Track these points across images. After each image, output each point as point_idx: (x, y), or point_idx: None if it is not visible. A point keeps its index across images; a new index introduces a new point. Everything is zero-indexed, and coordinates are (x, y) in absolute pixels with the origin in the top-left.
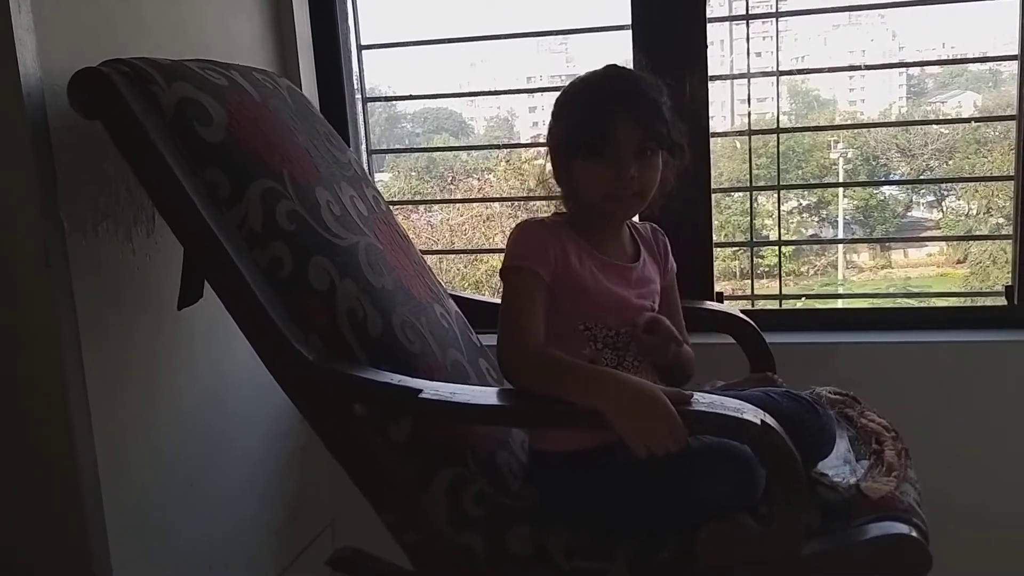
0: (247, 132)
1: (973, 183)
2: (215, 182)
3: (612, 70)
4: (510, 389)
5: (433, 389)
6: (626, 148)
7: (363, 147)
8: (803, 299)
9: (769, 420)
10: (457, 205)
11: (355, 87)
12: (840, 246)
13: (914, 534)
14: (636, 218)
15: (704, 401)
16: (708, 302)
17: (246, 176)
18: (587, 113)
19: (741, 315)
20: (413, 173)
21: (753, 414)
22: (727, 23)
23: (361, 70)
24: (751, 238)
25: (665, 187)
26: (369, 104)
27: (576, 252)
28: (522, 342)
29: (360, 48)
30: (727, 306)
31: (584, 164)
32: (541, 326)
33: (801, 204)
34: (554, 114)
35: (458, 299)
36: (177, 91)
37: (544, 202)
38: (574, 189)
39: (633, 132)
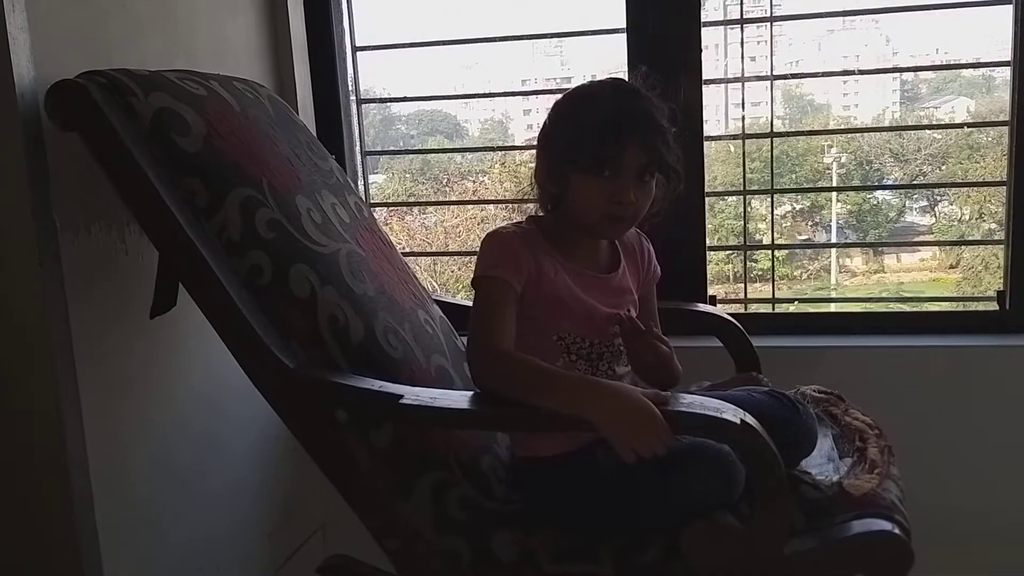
0: (226, 142)
1: (966, 188)
2: (193, 191)
3: (623, 86)
4: (491, 393)
5: (414, 394)
6: (629, 172)
7: (357, 149)
8: (796, 303)
9: (749, 419)
10: (452, 207)
11: (349, 89)
12: (833, 250)
13: (896, 531)
14: None
15: (684, 401)
16: (695, 303)
17: (225, 185)
18: (596, 129)
19: (726, 316)
20: (407, 175)
21: (733, 413)
22: (721, 27)
23: (355, 72)
24: (744, 242)
25: (654, 207)
26: (364, 106)
27: (550, 262)
28: (491, 345)
29: (355, 50)
30: (712, 308)
31: (583, 178)
32: (511, 333)
33: (795, 208)
34: (554, 120)
35: (443, 304)
36: (155, 102)
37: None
38: (569, 199)
39: (639, 157)
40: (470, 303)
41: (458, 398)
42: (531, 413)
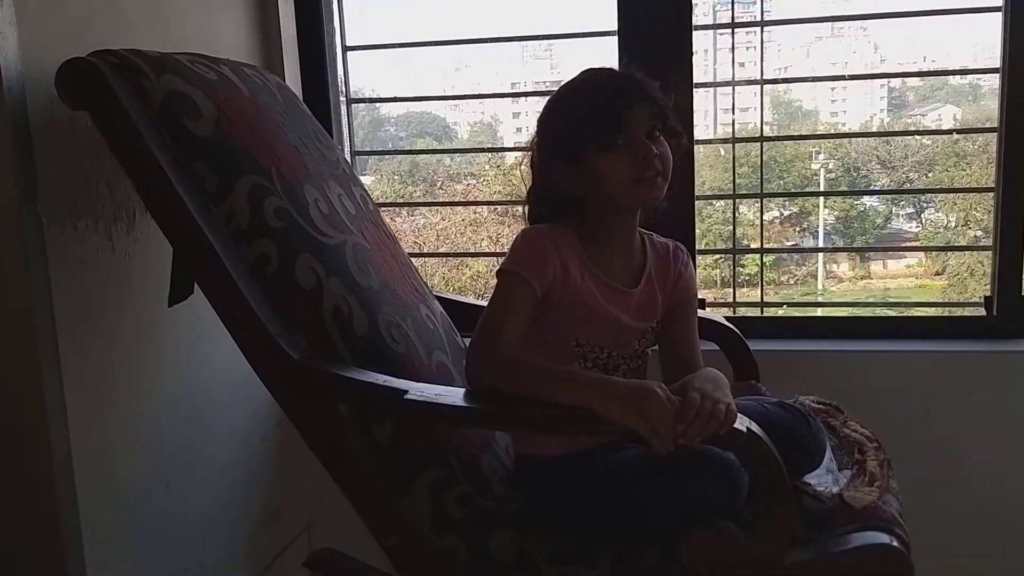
0: (236, 127)
1: (952, 195)
2: (202, 177)
3: (600, 69)
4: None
5: (419, 390)
6: (639, 133)
7: (347, 149)
8: (784, 307)
9: (755, 428)
10: (441, 210)
11: (340, 88)
12: (820, 256)
13: (896, 544)
14: (654, 228)
15: None
16: None
17: (234, 172)
18: (600, 102)
19: (726, 322)
20: (396, 177)
21: (739, 421)
22: (711, 31)
23: (346, 71)
24: (733, 246)
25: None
26: (353, 106)
27: (578, 268)
28: (493, 342)
29: (345, 49)
30: (712, 313)
31: (601, 157)
32: (518, 335)
33: (782, 214)
34: (543, 121)
35: (443, 300)
36: (166, 84)
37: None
38: (598, 189)
39: (645, 113)
40: (470, 301)
41: (463, 395)
42: (537, 411)
